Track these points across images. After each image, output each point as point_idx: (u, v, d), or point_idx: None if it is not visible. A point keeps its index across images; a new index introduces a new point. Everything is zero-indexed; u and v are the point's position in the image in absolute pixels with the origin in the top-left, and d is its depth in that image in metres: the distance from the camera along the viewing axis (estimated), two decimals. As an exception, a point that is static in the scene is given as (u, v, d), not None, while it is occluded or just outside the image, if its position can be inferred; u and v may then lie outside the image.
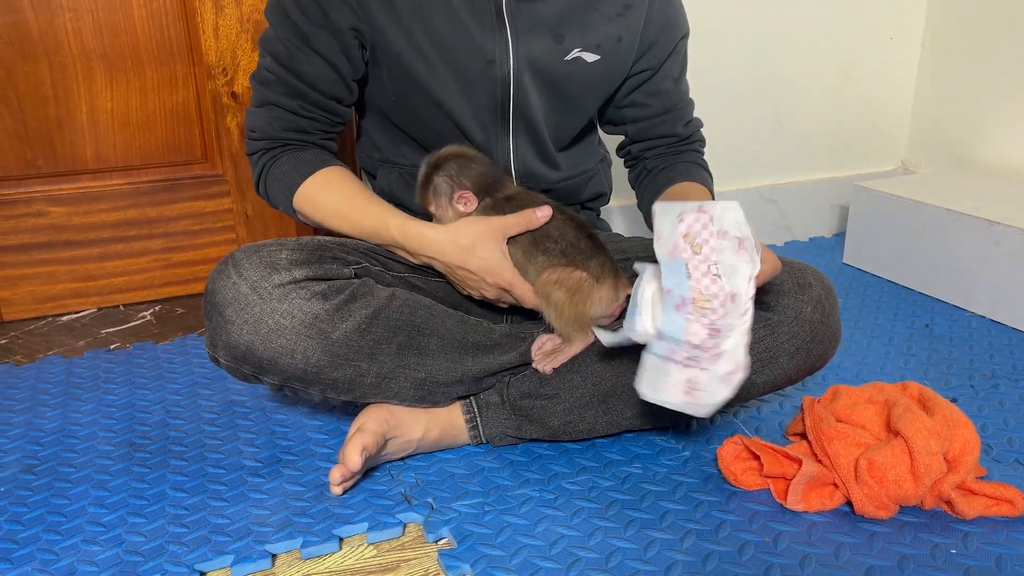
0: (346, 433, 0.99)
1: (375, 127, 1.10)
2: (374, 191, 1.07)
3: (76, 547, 0.86)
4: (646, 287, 0.84)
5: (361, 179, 1.05)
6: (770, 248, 1.18)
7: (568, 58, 1.01)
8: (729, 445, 0.97)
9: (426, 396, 0.98)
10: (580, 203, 1.16)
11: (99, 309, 1.51)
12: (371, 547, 0.87)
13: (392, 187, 1.09)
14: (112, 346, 1.36)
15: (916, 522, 0.89)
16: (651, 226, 0.86)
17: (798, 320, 0.97)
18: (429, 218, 1.01)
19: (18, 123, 1.38)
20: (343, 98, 1.02)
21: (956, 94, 1.87)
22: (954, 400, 1.14)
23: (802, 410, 1.00)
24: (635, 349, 0.87)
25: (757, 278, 0.80)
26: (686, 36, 1.12)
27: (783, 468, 0.93)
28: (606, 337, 0.90)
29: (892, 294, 1.57)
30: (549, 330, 0.99)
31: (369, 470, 0.98)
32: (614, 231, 1.25)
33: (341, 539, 0.88)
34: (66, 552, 0.85)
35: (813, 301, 0.97)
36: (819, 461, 0.93)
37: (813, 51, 1.81)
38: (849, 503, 0.91)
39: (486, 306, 1.05)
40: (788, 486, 0.91)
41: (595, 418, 1.00)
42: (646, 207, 1.13)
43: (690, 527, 0.88)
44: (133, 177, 1.48)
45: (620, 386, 0.98)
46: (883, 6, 1.85)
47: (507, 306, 1.01)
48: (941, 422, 0.91)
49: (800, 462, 0.91)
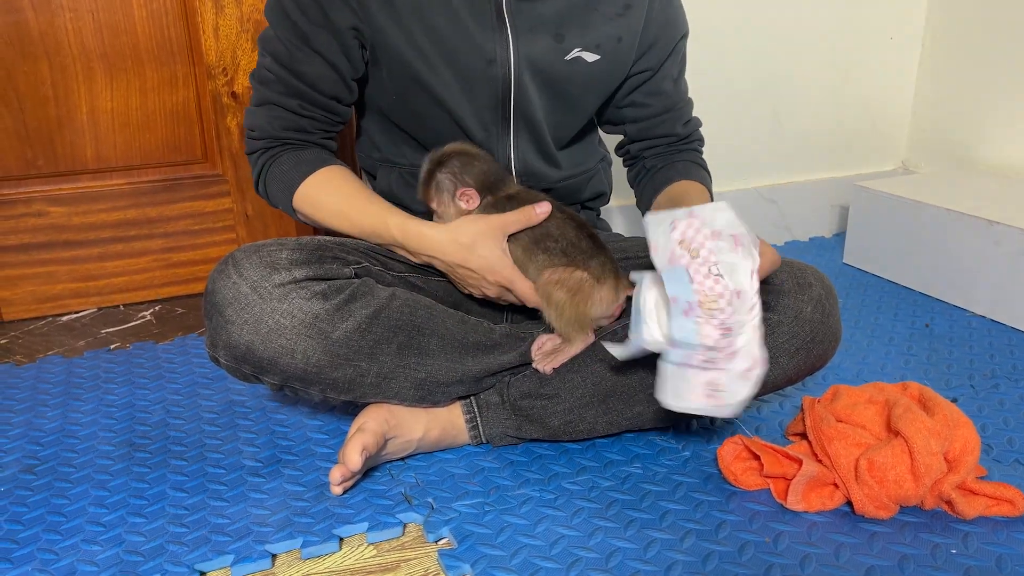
0: (346, 433, 0.99)
1: (375, 127, 1.10)
2: (374, 191, 1.07)
3: (76, 547, 0.86)
4: (647, 295, 0.84)
5: (361, 179, 1.05)
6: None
7: (568, 58, 1.01)
8: (729, 445, 0.97)
9: (426, 396, 0.98)
10: (580, 203, 1.16)
11: (99, 309, 1.51)
12: (371, 547, 0.87)
13: (392, 187, 1.09)
14: (112, 346, 1.36)
15: (916, 522, 0.89)
16: (650, 227, 0.86)
17: (798, 320, 0.96)
18: (430, 218, 1.01)
19: (18, 123, 1.38)
20: (343, 98, 1.02)
21: (956, 94, 1.87)
22: (954, 400, 1.14)
23: (802, 410, 1.00)
24: (643, 356, 0.87)
25: (758, 271, 0.81)
26: (686, 36, 1.12)
27: (783, 468, 0.93)
28: (618, 351, 0.90)
29: (892, 294, 1.57)
30: (549, 330, 0.99)
31: (369, 470, 0.98)
32: (614, 231, 1.25)
33: (341, 539, 0.88)
34: (66, 552, 0.85)
35: (813, 301, 0.97)
36: (819, 461, 0.93)
37: (813, 51, 1.81)
38: (849, 503, 0.90)
39: (487, 305, 1.05)
40: (788, 486, 0.91)
41: (595, 418, 1.00)
42: (645, 206, 1.13)
43: (690, 527, 0.88)
44: (133, 177, 1.48)
45: (620, 386, 0.99)
46: (883, 6, 1.85)
47: (508, 304, 1.01)
48: (941, 422, 0.91)
49: (800, 462, 0.91)
